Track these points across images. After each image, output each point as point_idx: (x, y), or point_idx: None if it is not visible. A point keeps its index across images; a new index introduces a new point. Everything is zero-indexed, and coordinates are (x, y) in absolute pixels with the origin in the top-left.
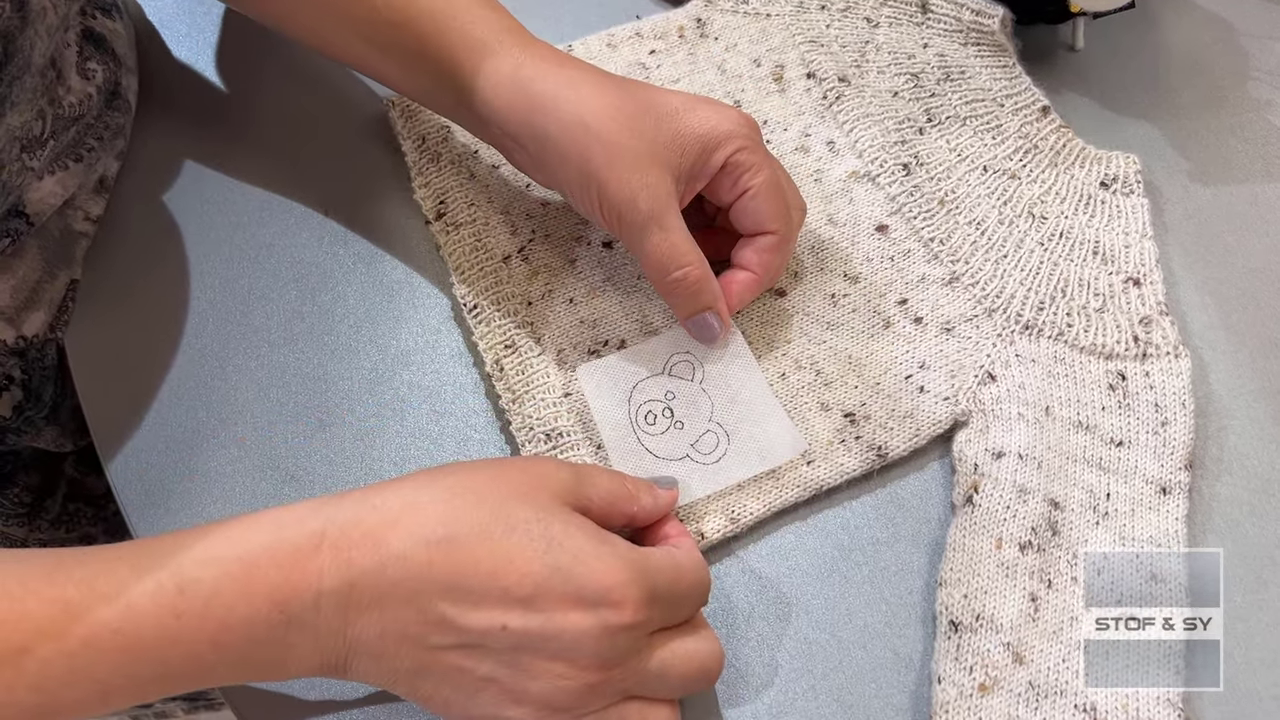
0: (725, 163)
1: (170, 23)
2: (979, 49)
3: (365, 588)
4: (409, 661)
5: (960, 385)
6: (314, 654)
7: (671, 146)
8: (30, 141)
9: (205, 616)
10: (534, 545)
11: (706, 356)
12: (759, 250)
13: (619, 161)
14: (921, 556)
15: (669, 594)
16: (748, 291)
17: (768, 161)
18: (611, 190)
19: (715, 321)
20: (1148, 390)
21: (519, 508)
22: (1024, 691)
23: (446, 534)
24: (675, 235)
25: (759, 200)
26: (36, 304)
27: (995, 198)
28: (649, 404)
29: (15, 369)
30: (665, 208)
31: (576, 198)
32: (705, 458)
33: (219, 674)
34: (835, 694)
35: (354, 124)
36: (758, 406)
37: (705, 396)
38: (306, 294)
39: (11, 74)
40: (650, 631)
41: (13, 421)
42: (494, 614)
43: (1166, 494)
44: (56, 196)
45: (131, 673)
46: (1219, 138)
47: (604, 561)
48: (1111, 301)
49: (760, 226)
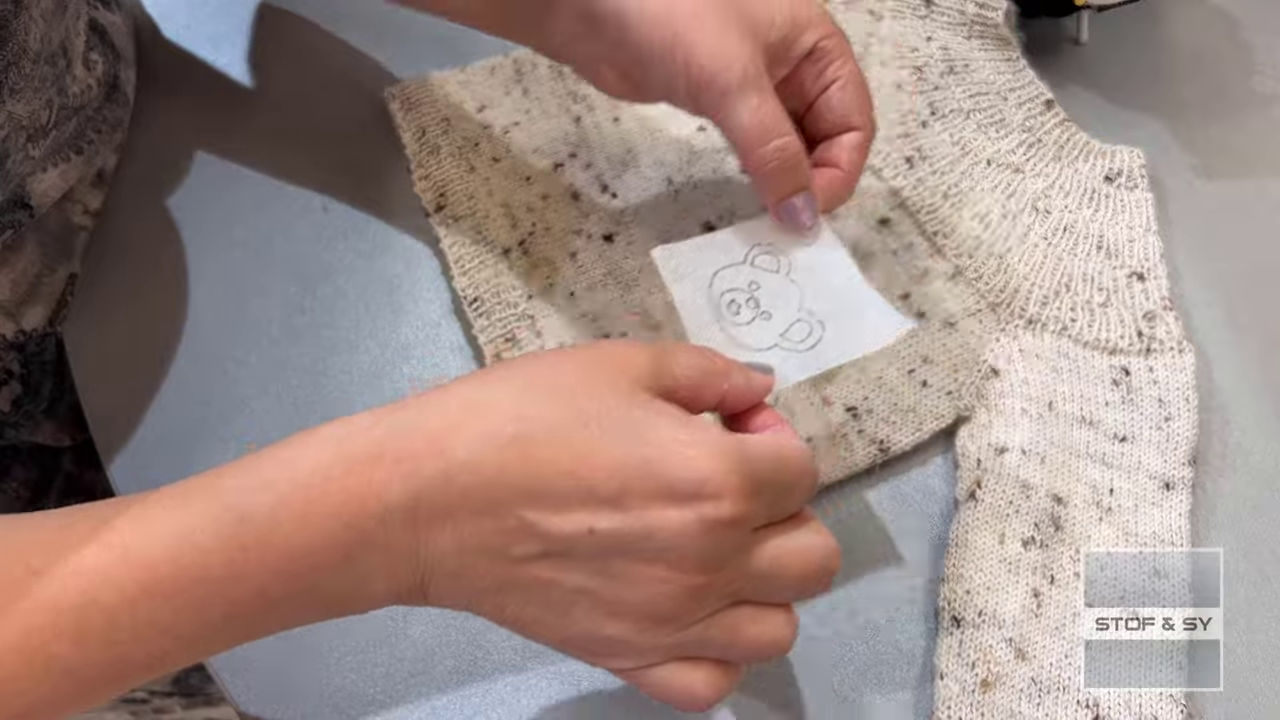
0: (814, 47)
1: (169, 15)
2: (983, 42)
3: (433, 500)
4: (490, 578)
5: (963, 380)
6: (387, 578)
7: (762, 22)
8: (36, 130)
9: (268, 545)
10: (616, 438)
11: (792, 247)
12: (846, 148)
13: (710, 25)
14: (924, 552)
15: (773, 483)
16: (836, 189)
17: (853, 54)
18: (703, 52)
19: (807, 206)
20: (1151, 385)
21: (595, 398)
22: (1026, 687)
23: (516, 433)
24: (773, 102)
25: (848, 91)
26: (36, 298)
27: (999, 192)
28: (731, 293)
29: (14, 363)
30: (760, 72)
31: (660, 70)
32: (798, 344)
33: (289, 611)
34: (838, 689)
35: (353, 116)
36: (854, 294)
37: (794, 286)
38: (306, 288)
39: (7, 59)
40: (755, 527)
41: (11, 416)
42: (579, 516)
43: (1170, 489)
44: (57, 189)
45: (201, 617)
46: (1224, 132)
47: (697, 449)
48: (1115, 296)
49: (848, 121)
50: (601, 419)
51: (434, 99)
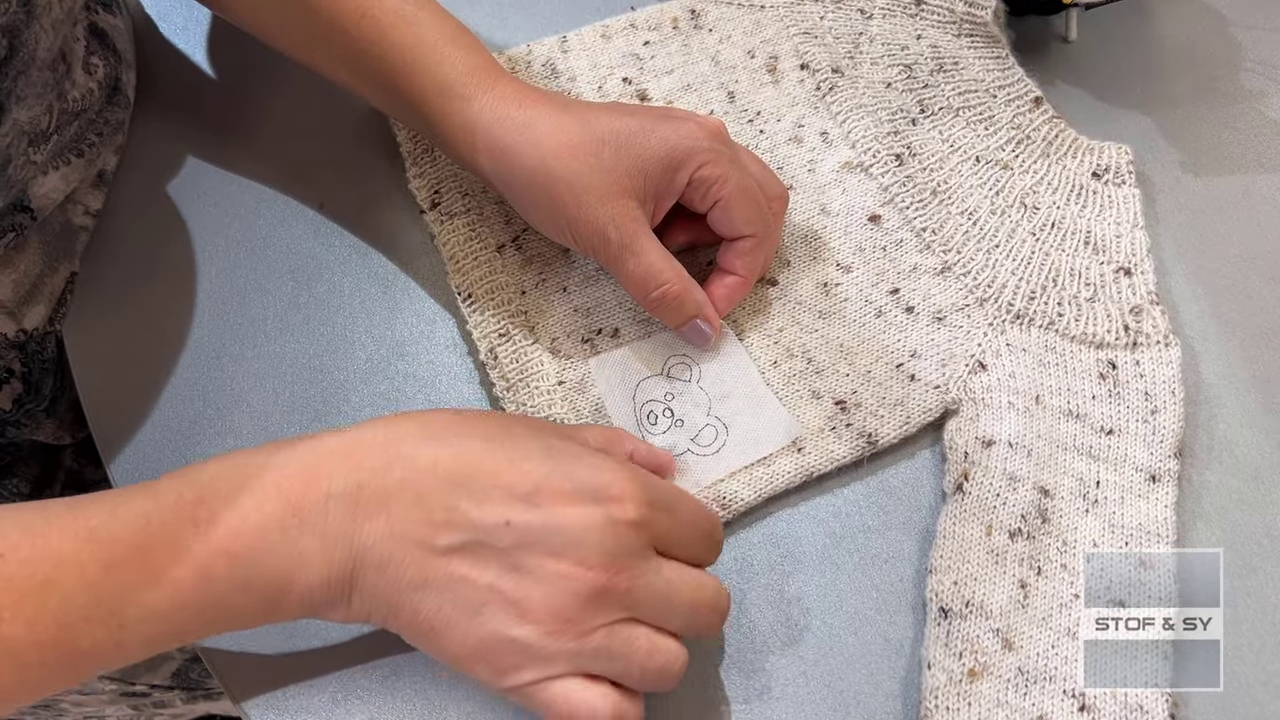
0: (691, 179)
1: (167, 17)
2: (972, 40)
3: (373, 487)
4: (413, 571)
5: (951, 374)
6: (322, 563)
7: (634, 174)
8: (37, 136)
9: (219, 524)
10: (535, 449)
11: (701, 356)
12: (739, 254)
13: (584, 199)
14: (912, 543)
15: (669, 506)
16: (735, 294)
17: (733, 170)
18: (581, 228)
19: (705, 327)
20: (1138, 379)
21: (520, 426)
22: (1013, 677)
23: (451, 439)
24: (647, 258)
25: (730, 210)
26: (37, 297)
27: (987, 188)
28: (650, 404)
29: (15, 362)
30: (634, 234)
31: (553, 235)
32: (705, 449)
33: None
34: (826, 679)
35: (349, 116)
36: (752, 398)
37: (703, 394)
38: (302, 285)
39: (16, 68)
40: (653, 544)
41: (12, 414)
42: (498, 509)
43: (1156, 482)
44: (59, 192)
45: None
46: (1211, 129)
47: (604, 461)
48: (1102, 291)
49: (736, 232)
50: (526, 440)
51: None
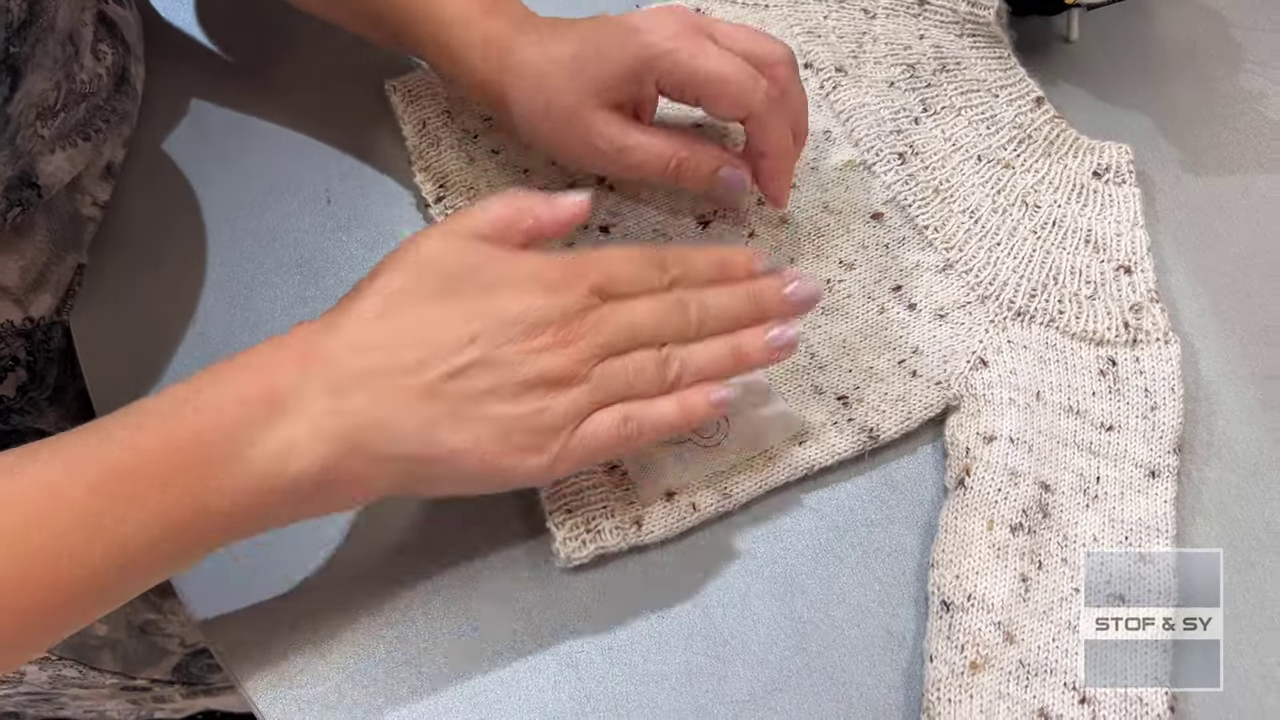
0: (659, 85)
1: (174, 10)
2: (974, 40)
3: (340, 365)
4: (416, 413)
5: (952, 370)
6: (314, 440)
7: (600, 91)
8: (45, 110)
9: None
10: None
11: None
12: (753, 135)
13: (573, 117)
14: (914, 538)
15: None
16: (774, 172)
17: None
18: (577, 148)
19: (731, 172)
20: (1138, 375)
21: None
22: (1014, 670)
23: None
24: (645, 145)
25: (712, 102)
26: (44, 286)
27: (989, 187)
28: None
29: (21, 350)
30: (620, 135)
31: (561, 160)
32: (706, 440)
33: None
34: (829, 672)
35: (356, 109)
36: (754, 392)
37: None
38: (309, 278)
39: (35, 35)
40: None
41: (16, 402)
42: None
43: (1155, 477)
44: (65, 172)
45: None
46: (1211, 128)
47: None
48: (1103, 289)
49: (732, 116)
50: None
51: (435, 92)
